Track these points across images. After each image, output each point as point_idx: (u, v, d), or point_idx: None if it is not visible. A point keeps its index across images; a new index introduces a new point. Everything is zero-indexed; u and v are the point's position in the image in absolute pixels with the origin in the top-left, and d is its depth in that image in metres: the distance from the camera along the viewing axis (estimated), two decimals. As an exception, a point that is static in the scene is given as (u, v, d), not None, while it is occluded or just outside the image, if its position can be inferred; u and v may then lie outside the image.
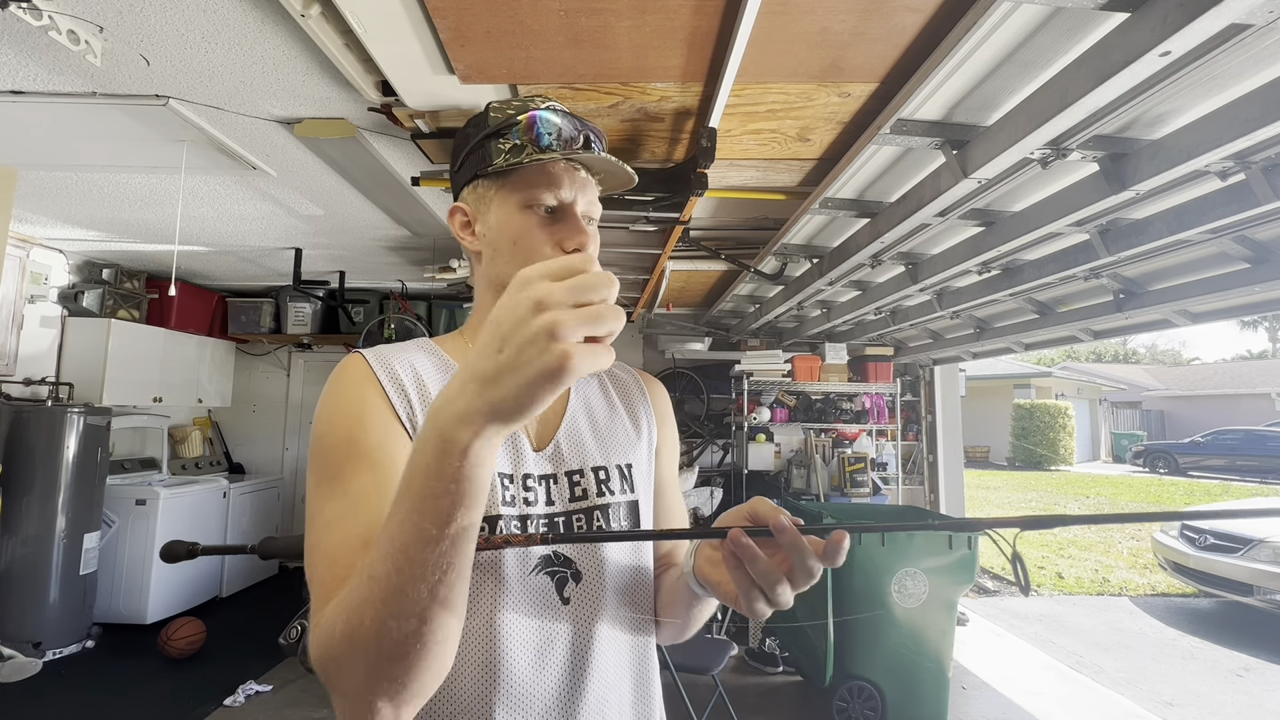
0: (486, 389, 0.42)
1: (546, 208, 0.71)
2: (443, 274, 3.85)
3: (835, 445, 4.97)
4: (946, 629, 3.12)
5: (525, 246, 0.70)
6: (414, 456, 0.46)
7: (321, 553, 0.57)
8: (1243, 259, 2.27)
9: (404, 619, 0.46)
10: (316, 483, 0.62)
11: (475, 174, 0.74)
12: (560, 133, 0.68)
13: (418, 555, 0.45)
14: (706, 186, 2.02)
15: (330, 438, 0.63)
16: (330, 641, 0.50)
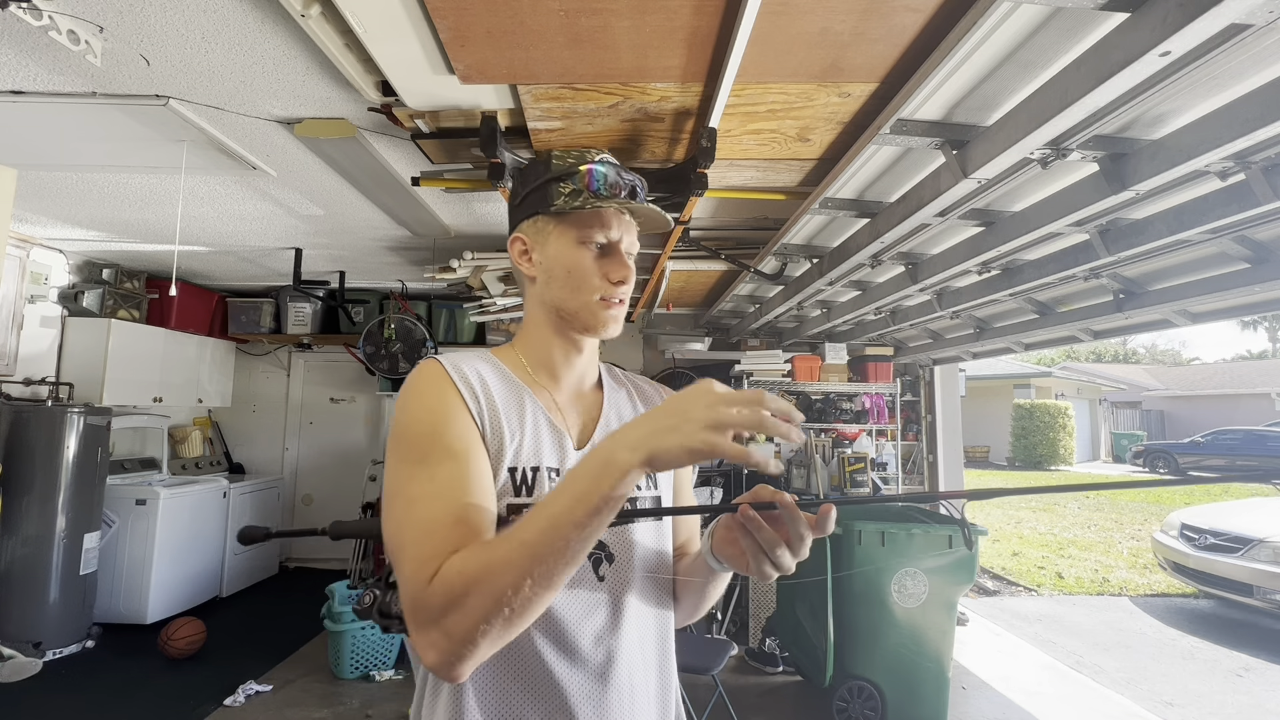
0: (654, 438, 0.60)
1: (598, 244, 0.84)
2: (443, 274, 3.85)
3: (835, 445, 4.97)
4: (946, 629, 3.12)
5: (578, 275, 0.84)
6: (583, 465, 0.63)
7: (414, 523, 0.69)
8: (1243, 259, 2.27)
9: (543, 574, 0.61)
10: (401, 465, 0.73)
11: (536, 211, 0.86)
12: (612, 183, 0.82)
13: (565, 537, 0.60)
14: (706, 186, 2.02)
15: (416, 428, 0.75)
16: (454, 587, 0.62)
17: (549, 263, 0.86)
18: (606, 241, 0.85)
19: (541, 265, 0.87)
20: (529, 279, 0.89)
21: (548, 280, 0.86)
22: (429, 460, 0.72)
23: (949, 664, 3.11)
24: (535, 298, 0.89)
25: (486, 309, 4.41)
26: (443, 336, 5.05)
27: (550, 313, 0.88)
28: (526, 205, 0.87)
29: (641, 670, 0.80)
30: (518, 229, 0.89)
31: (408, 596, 0.66)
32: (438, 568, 0.65)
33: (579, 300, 0.84)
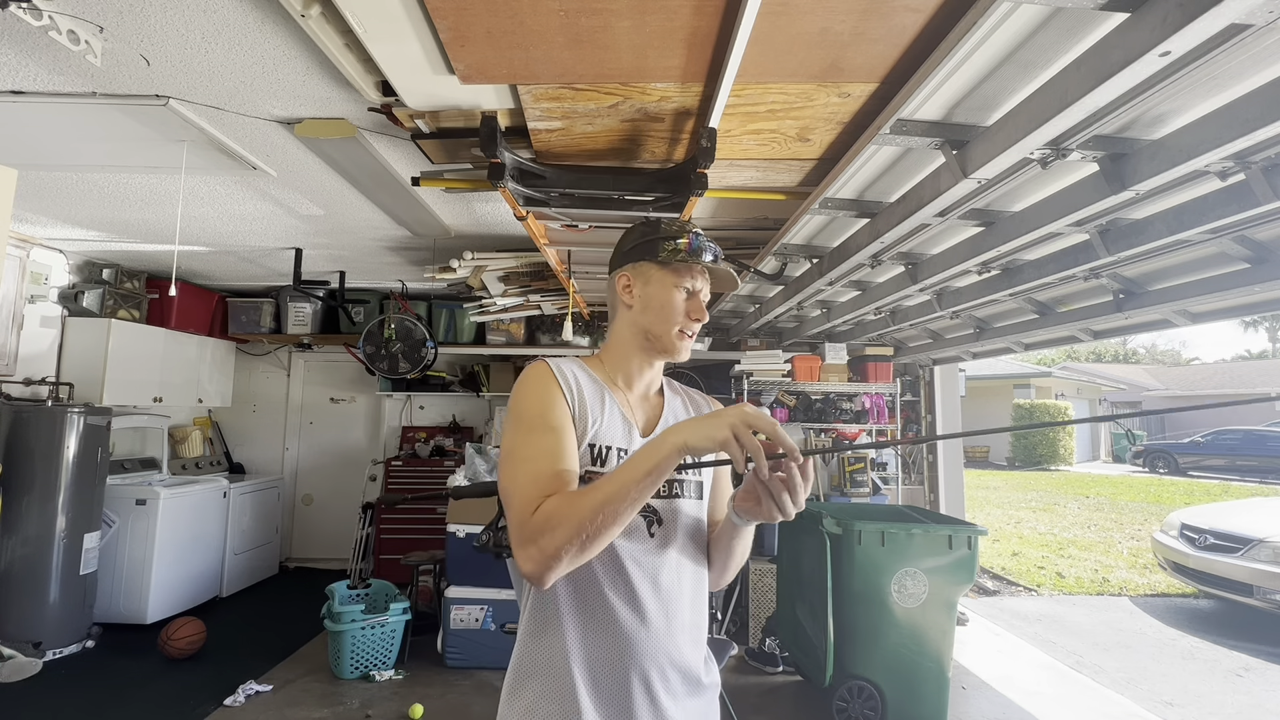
0: (693, 431, 0.87)
1: (686, 290, 1.12)
2: (443, 274, 3.85)
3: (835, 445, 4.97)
4: (946, 629, 3.12)
5: (669, 309, 1.11)
6: (646, 446, 0.90)
7: (523, 474, 0.96)
8: (1243, 259, 2.27)
9: (609, 517, 0.87)
10: (516, 434, 1.00)
11: (643, 257, 1.12)
12: (704, 248, 1.12)
13: (630, 490, 0.87)
14: (706, 186, 2.02)
15: (529, 409, 1.02)
16: (552, 517, 0.89)
17: (647, 297, 1.12)
18: (693, 289, 1.12)
19: (640, 298, 1.13)
20: (625, 306, 1.15)
21: (643, 309, 1.12)
22: (536, 431, 0.99)
23: (949, 664, 3.11)
24: (628, 321, 1.15)
25: (486, 309, 4.41)
26: (443, 336, 5.05)
27: (639, 334, 1.14)
28: (635, 253, 1.14)
29: (679, 606, 1.04)
30: (623, 268, 1.15)
31: (515, 524, 0.93)
32: (539, 505, 0.91)
33: (665, 328, 1.11)
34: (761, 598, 4.27)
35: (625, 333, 1.15)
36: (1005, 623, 5.05)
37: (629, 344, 1.15)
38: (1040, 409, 17.50)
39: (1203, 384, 22.47)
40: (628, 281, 1.14)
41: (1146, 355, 39.14)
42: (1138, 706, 3.60)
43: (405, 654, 3.75)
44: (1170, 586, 6.20)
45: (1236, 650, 4.64)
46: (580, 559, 0.90)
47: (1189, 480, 14.96)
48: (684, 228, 1.13)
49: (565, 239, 3.06)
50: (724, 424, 0.84)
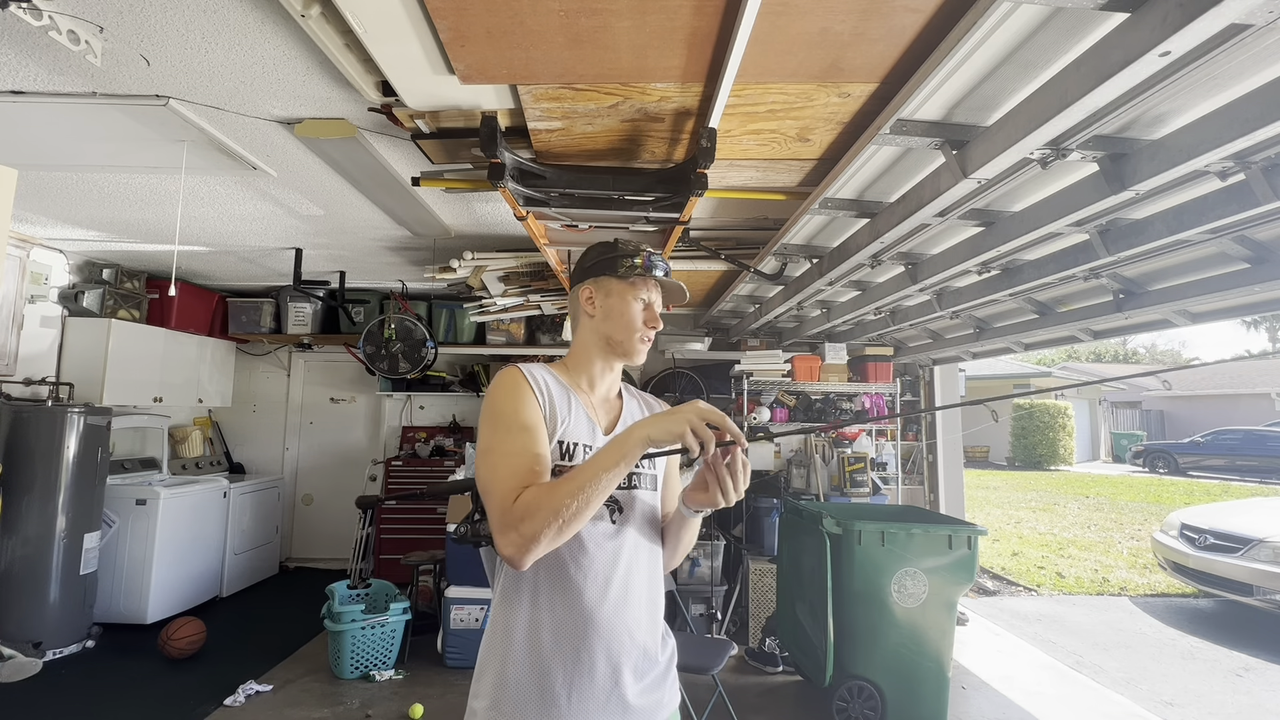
0: (656, 425, 0.99)
1: (643, 301, 1.25)
2: (443, 274, 3.85)
3: (835, 445, 4.97)
4: (946, 629, 3.12)
5: (629, 318, 1.23)
6: (613, 440, 1.01)
7: (505, 468, 1.05)
8: (1243, 259, 2.27)
9: (581, 504, 0.98)
10: (494, 433, 1.10)
11: (604, 273, 1.25)
12: (656, 266, 1.26)
13: (599, 479, 0.98)
14: (706, 186, 2.02)
15: (504, 410, 1.11)
16: (530, 506, 0.98)
17: (609, 308, 1.24)
18: (648, 301, 1.25)
19: (602, 309, 1.25)
20: (588, 316, 1.26)
21: (605, 319, 1.24)
22: (512, 430, 1.09)
23: (949, 664, 3.11)
24: (591, 329, 1.26)
25: (486, 309, 4.41)
26: (443, 336, 5.05)
27: (601, 341, 1.25)
28: (596, 268, 1.26)
29: (636, 582, 1.15)
30: (585, 283, 1.27)
31: (497, 513, 1.02)
32: (518, 495, 1.01)
33: (625, 335, 1.23)
34: (761, 598, 4.26)
35: (588, 340, 1.27)
36: (1005, 623, 5.05)
37: (592, 350, 1.27)
38: (1040, 409, 17.50)
39: (1203, 384, 22.47)
40: (590, 294, 1.26)
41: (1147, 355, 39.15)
42: (1138, 706, 3.60)
43: (405, 654, 3.75)
44: (1170, 586, 6.20)
45: (1236, 650, 4.64)
46: (557, 541, 1.00)
47: (1189, 480, 14.95)
48: (639, 248, 1.27)
49: (565, 239, 3.06)
50: (682, 419, 0.97)
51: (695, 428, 0.96)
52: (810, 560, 3.40)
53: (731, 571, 4.48)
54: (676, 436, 0.97)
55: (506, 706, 1.06)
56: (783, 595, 3.87)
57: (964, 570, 3.13)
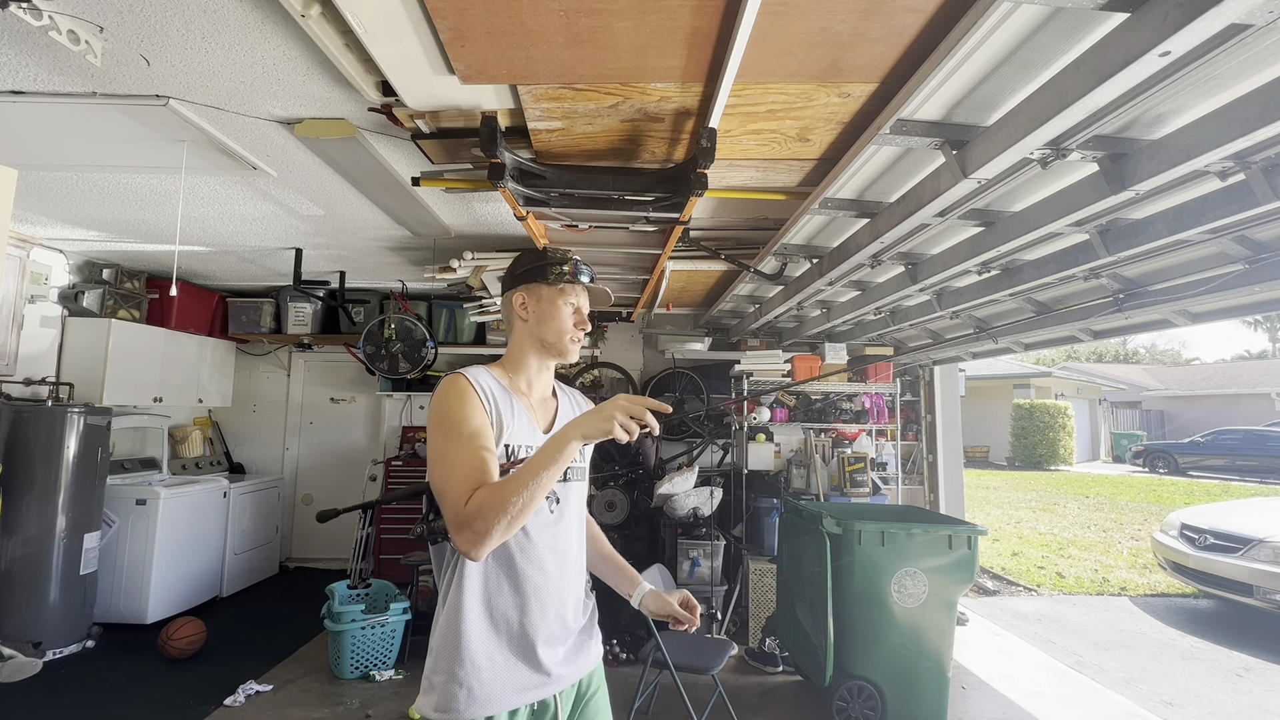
0: (588, 424, 1.11)
1: (572, 305, 1.36)
2: (443, 274, 3.85)
3: (835, 445, 4.97)
4: (946, 629, 3.12)
5: (560, 322, 1.34)
6: (551, 440, 1.12)
7: (458, 473, 1.14)
8: (1243, 259, 2.27)
9: (526, 501, 1.09)
10: (445, 439, 1.18)
11: (535, 280, 1.35)
12: (583, 272, 1.37)
13: (541, 478, 1.09)
14: (706, 187, 2.02)
15: (453, 416, 1.20)
16: (482, 506, 1.09)
17: (540, 313, 1.35)
18: (577, 305, 1.37)
19: (535, 313, 1.35)
20: (522, 320, 1.37)
21: (538, 323, 1.35)
22: (460, 438, 1.18)
23: (949, 664, 3.11)
24: (525, 333, 1.37)
25: (486, 309, 4.41)
26: (443, 336, 5.05)
27: (536, 343, 1.36)
28: (526, 275, 1.36)
29: (570, 559, 1.33)
30: (518, 289, 1.37)
31: (451, 512, 1.12)
32: (470, 495, 1.11)
33: (557, 337, 1.34)
34: (761, 598, 4.26)
35: (524, 343, 1.37)
36: (1005, 623, 5.05)
37: (528, 352, 1.37)
38: (1040, 409, 17.50)
39: (1203, 384, 22.47)
40: (523, 300, 1.37)
41: (1147, 355, 39.15)
42: (1138, 706, 3.60)
43: (405, 654, 3.75)
44: (1170, 586, 6.20)
45: (1236, 650, 4.64)
46: (507, 534, 1.11)
47: (1189, 480, 14.95)
48: (566, 255, 1.36)
49: (565, 239, 3.06)
50: (609, 416, 1.09)
51: (622, 423, 1.09)
52: (810, 560, 3.40)
53: (731, 571, 4.47)
54: (606, 433, 1.09)
55: (463, 671, 1.18)
56: (783, 595, 3.87)
57: (964, 570, 3.13)
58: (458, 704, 1.17)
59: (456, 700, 1.17)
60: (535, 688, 1.23)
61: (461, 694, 1.17)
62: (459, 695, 1.17)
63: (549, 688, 1.25)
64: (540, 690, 1.24)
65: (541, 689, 1.24)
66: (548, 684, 1.24)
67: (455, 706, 1.17)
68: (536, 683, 1.23)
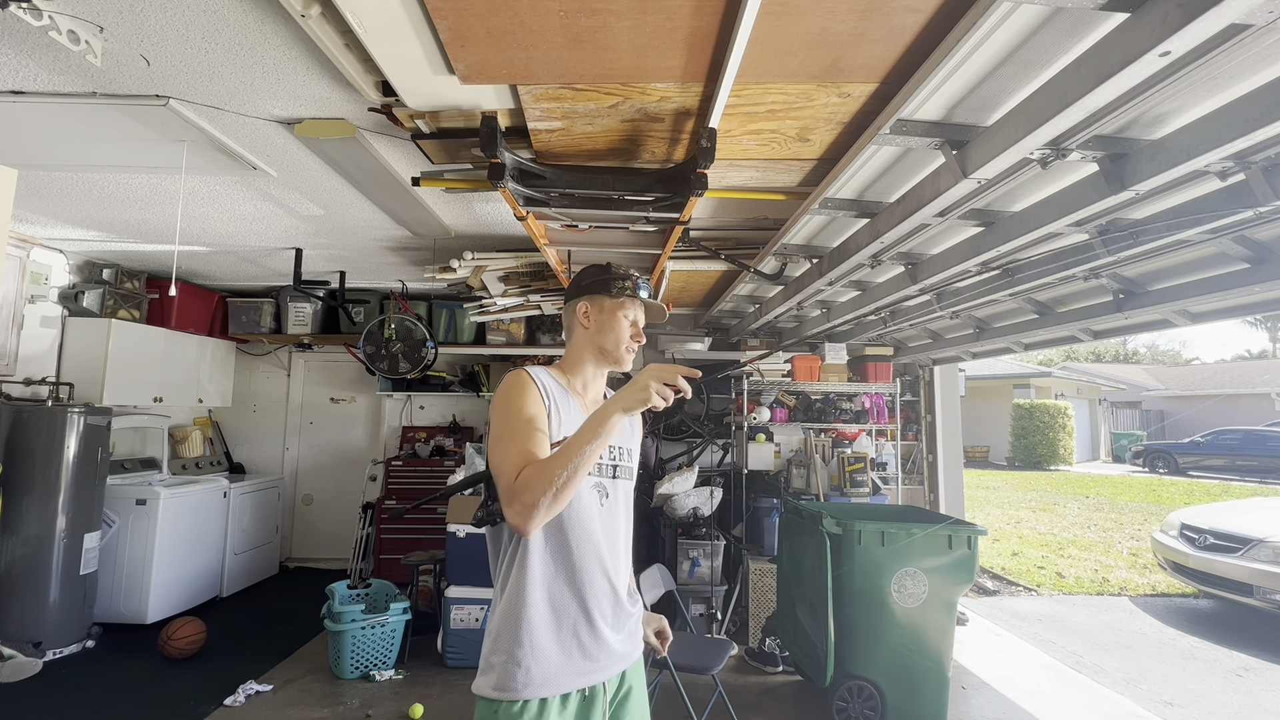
0: (626, 397, 1.20)
1: (630, 318, 1.47)
2: (443, 274, 3.85)
3: (835, 445, 4.97)
4: (946, 629, 3.12)
5: (618, 333, 1.45)
6: (595, 416, 1.20)
7: (513, 451, 1.23)
8: (1243, 259, 2.28)
9: (570, 474, 1.16)
10: (505, 422, 1.29)
11: (599, 291, 1.46)
12: (642, 288, 1.47)
13: (584, 451, 1.17)
14: (706, 187, 2.02)
15: (512, 404, 1.31)
16: (529, 479, 1.17)
17: (601, 322, 1.46)
18: (634, 319, 1.48)
19: (595, 323, 1.46)
20: (583, 328, 1.47)
21: (598, 331, 1.46)
22: (518, 421, 1.28)
23: (949, 664, 3.11)
24: (585, 340, 1.47)
25: (486, 309, 4.41)
26: (443, 336, 5.05)
27: (594, 350, 1.47)
28: (591, 287, 1.47)
29: (619, 548, 1.42)
30: (582, 299, 1.48)
31: (504, 489, 1.20)
32: (511, 479, 1.19)
33: (615, 346, 1.45)
34: (761, 598, 4.26)
35: (583, 349, 1.48)
36: (1005, 623, 5.05)
37: (585, 357, 1.48)
38: (1040, 409, 17.49)
39: (1203, 384, 22.47)
40: (586, 309, 1.47)
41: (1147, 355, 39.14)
42: (1138, 706, 3.60)
43: (405, 654, 3.75)
44: (1170, 586, 6.20)
45: (1236, 650, 4.64)
46: (554, 508, 1.18)
47: (1189, 480, 14.95)
48: (628, 272, 1.48)
49: (565, 239, 3.06)
50: (644, 386, 1.18)
51: (657, 390, 1.18)
52: (810, 560, 3.40)
53: (731, 571, 4.47)
54: (644, 402, 1.17)
55: (522, 653, 1.26)
56: (783, 595, 3.87)
57: (964, 570, 3.13)
58: (516, 684, 1.25)
59: (515, 680, 1.25)
60: (588, 674, 1.31)
61: (520, 674, 1.25)
62: (517, 675, 1.25)
63: (599, 675, 1.33)
64: (591, 677, 1.32)
65: (593, 675, 1.32)
66: (598, 671, 1.33)
67: (514, 686, 1.25)
68: (589, 669, 1.32)
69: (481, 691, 1.28)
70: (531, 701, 1.25)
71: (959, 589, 3.15)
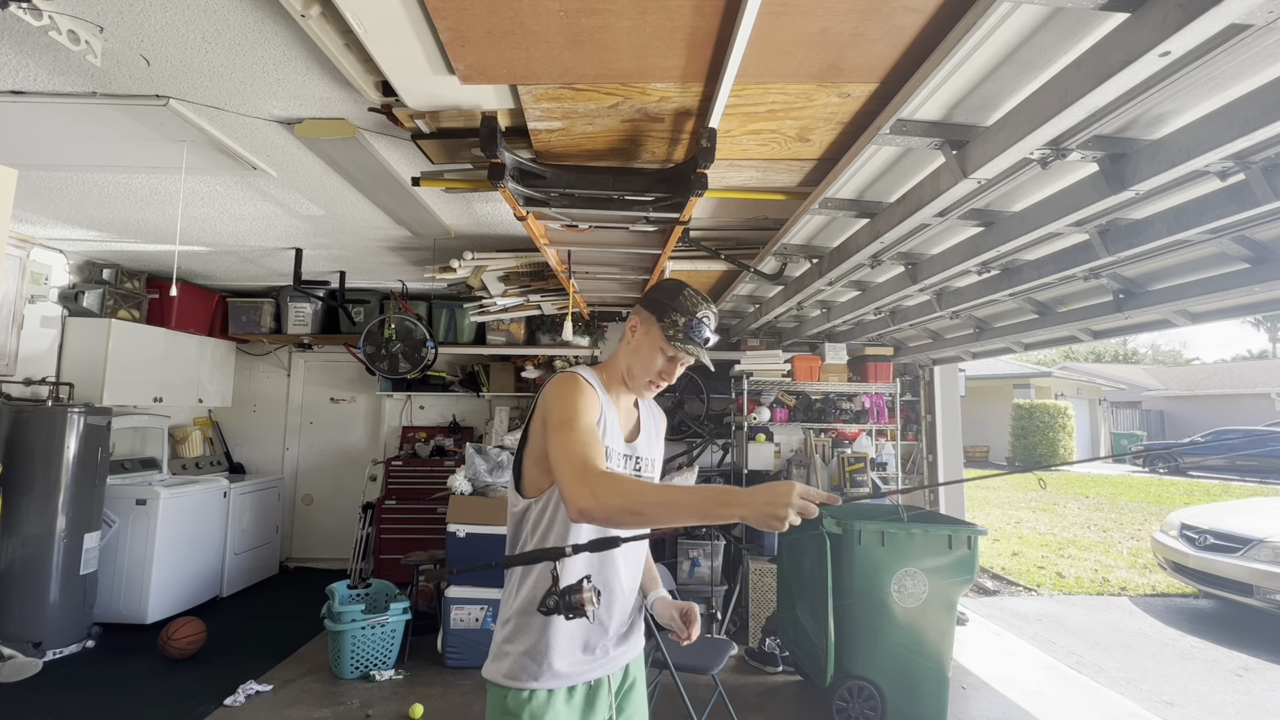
0: (757, 510, 1.05)
1: (667, 356, 1.39)
2: (443, 274, 3.85)
3: (835, 445, 4.97)
4: (946, 629, 3.12)
5: (648, 364, 1.39)
6: (715, 495, 1.10)
7: (573, 444, 1.20)
8: (1243, 259, 2.27)
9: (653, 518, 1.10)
10: (562, 424, 1.24)
11: (655, 314, 1.39)
12: (700, 335, 1.37)
13: (680, 514, 1.09)
14: (706, 187, 2.02)
15: (572, 404, 1.27)
16: (618, 487, 1.13)
17: (639, 345, 1.41)
18: (672, 357, 1.39)
19: (636, 342, 1.42)
20: (627, 341, 1.44)
21: (634, 352, 1.42)
22: (583, 415, 1.26)
23: (949, 664, 3.11)
24: (624, 352, 1.44)
25: (486, 309, 4.41)
26: (443, 336, 5.05)
27: (624, 367, 1.43)
28: (652, 306, 1.41)
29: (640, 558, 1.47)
30: (639, 312, 1.43)
31: (575, 468, 1.16)
32: (586, 462, 1.17)
33: (640, 375, 1.41)
34: (761, 598, 4.26)
35: (620, 359, 1.46)
36: (1005, 623, 5.05)
37: (618, 369, 1.45)
38: (1040, 409, 17.50)
39: (1203, 384, 22.47)
40: (636, 324, 1.43)
41: (1147, 355, 39.13)
42: (1138, 706, 3.60)
43: (405, 654, 3.75)
44: (1170, 586, 6.20)
45: (1236, 650, 4.64)
46: (611, 520, 1.14)
47: (1189, 480, 14.96)
48: (693, 311, 1.37)
49: (565, 239, 3.06)
50: (783, 515, 1.03)
51: (793, 522, 1.05)
52: (810, 560, 3.40)
53: (731, 571, 4.47)
54: (773, 527, 1.05)
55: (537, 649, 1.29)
56: (783, 595, 3.87)
57: (964, 570, 3.13)
58: (527, 674, 1.29)
59: (527, 671, 1.29)
60: (596, 669, 1.36)
61: (532, 667, 1.29)
62: (529, 668, 1.29)
63: (606, 668, 1.38)
64: (598, 671, 1.37)
65: (600, 669, 1.37)
66: (606, 665, 1.38)
67: (524, 677, 1.29)
68: (597, 664, 1.36)
69: (493, 677, 1.32)
70: (539, 691, 1.29)
71: (959, 589, 3.15)
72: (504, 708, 1.31)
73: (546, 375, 5.48)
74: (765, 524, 1.04)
